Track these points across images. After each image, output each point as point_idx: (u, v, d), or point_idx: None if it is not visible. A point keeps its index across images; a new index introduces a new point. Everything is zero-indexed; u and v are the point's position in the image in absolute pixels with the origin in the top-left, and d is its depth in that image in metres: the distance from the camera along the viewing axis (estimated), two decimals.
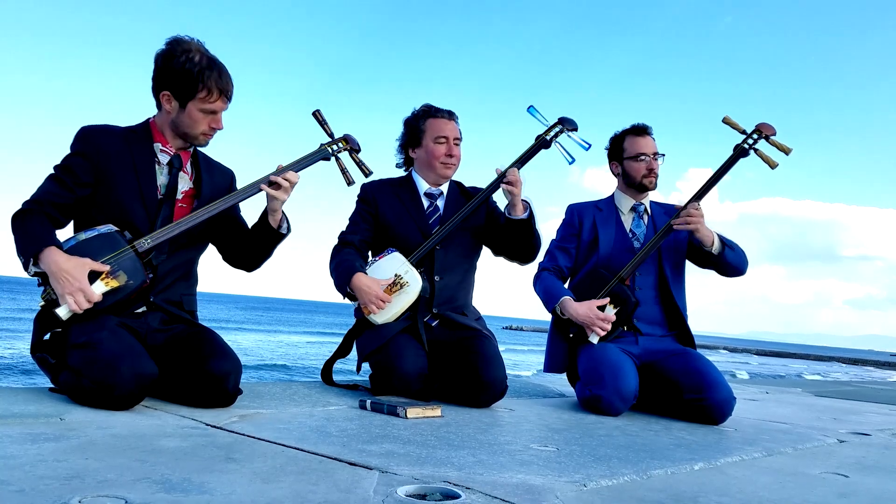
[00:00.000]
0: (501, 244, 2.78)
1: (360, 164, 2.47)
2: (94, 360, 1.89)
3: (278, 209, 2.26)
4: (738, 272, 2.85)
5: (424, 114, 2.78)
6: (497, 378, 2.52)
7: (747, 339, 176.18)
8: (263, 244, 2.31)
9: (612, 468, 1.64)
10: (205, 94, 2.11)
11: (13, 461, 1.30)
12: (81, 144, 2.13)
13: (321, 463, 1.48)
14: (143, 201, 2.13)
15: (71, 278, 1.92)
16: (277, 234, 2.29)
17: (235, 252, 2.38)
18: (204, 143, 2.22)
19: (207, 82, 2.10)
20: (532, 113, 2.81)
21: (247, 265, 2.39)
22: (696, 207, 2.72)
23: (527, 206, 2.65)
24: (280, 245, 2.35)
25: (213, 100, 2.13)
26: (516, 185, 2.59)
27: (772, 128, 2.76)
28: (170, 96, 2.13)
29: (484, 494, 1.31)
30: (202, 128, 2.17)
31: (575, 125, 2.82)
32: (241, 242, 2.35)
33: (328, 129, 2.42)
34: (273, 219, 2.26)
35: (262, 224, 2.29)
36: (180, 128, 2.17)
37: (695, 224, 2.69)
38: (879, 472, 1.91)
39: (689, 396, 2.58)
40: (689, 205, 2.73)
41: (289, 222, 2.34)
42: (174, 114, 2.15)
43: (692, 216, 2.69)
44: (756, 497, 1.50)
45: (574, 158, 2.78)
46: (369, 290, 2.54)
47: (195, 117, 2.14)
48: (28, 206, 2.05)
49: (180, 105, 2.13)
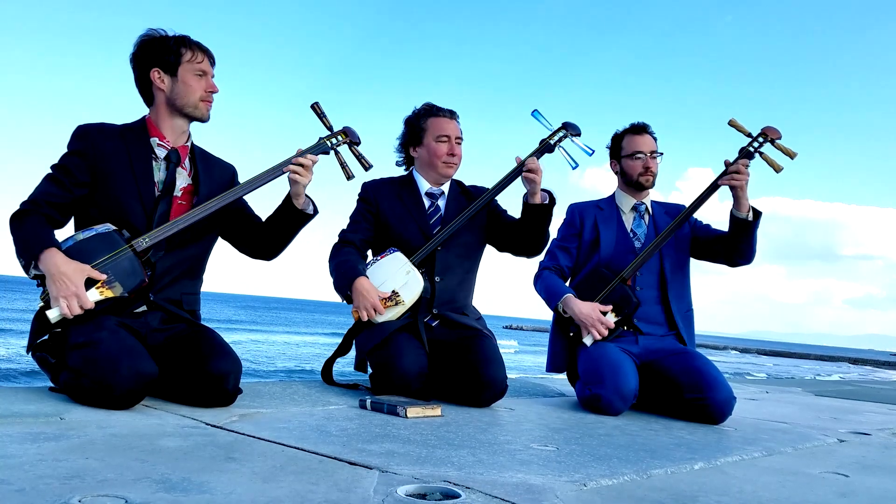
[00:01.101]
0: (509, 238, 2.78)
1: (360, 158, 2.46)
2: (94, 359, 1.89)
3: (301, 193, 2.28)
4: (750, 255, 2.81)
5: (426, 112, 2.78)
6: (497, 377, 2.52)
7: (748, 339, 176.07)
8: (286, 229, 2.33)
9: (612, 468, 1.64)
10: (190, 54, 2.18)
11: (13, 461, 1.30)
12: (78, 143, 2.13)
13: (321, 462, 1.48)
14: (140, 199, 2.13)
15: (68, 282, 1.92)
16: (304, 215, 2.32)
17: (252, 242, 2.39)
18: (205, 112, 2.23)
19: (188, 43, 2.19)
20: (536, 117, 2.81)
21: (267, 253, 2.40)
22: (745, 164, 2.69)
23: (545, 194, 2.66)
24: (305, 227, 2.37)
25: (200, 60, 2.20)
26: (537, 172, 2.60)
27: (777, 131, 2.76)
28: (160, 72, 2.17)
29: (484, 494, 1.31)
30: (199, 93, 2.20)
31: (578, 130, 2.82)
32: (256, 232, 2.36)
33: (327, 121, 2.41)
34: (297, 202, 2.29)
35: (285, 209, 2.30)
36: (178, 101, 2.19)
37: (741, 181, 2.67)
38: (880, 472, 1.91)
39: (690, 396, 2.58)
40: (738, 161, 2.69)
41: (314, 203, 2.36)
42: (168, 89, 2.18)
43: (741, 173, 2.67)
44: (756, 497, 1.50)
45: (577, 164, 2.79)
46: (368, 295, 2.54)
47: (189, 82, 2.18)
48: (26, 207, 2.05)
49: (172, 75, 2.17)
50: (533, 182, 2.60)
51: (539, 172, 2.60)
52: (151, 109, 2.23)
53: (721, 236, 2.83)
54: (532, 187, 2.61)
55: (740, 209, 2.71)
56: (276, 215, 2.33)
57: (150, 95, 2.21)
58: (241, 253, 2.43)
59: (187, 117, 2.22)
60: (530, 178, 2.60)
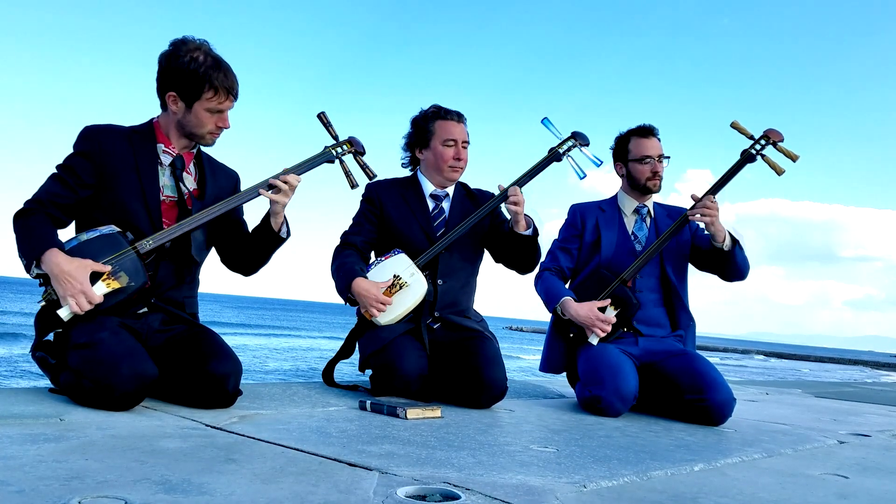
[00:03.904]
0: (502, 252, 2.79)
1: (365, 167, 2.47)
2: (95, 360, 1.89)
3: (280, 212, 2.25)
4: (741, 274, 2.83)
5: (433, 115, 2.76)
6: (497, 379, 2.52)
7: (748, 340, 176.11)
8: (263, 248, 2.31)
9: (612, 469, 1.64)
10: (211, 94, 2.11)
11: (13, 462, 1.30)
12: (84, 144, 2.13)
13: (321, 464, 1.48)
14: (144, 202, 2.12)
15: (73, 280, 1.92)
16: (277, 237, 2.29)
17: (234, 255, 2.37)
18: (211, 142, 2.22)
19: (213, 82, 2.10)
20: (546, 125, 2.81)
21: (244, 269, 2.38)
22: (712, 200, 2.69)
23: (530, 222, 2.65)
24: (278, 250, 2.34)
25: (221, 100, 2.14)
26: (520, 204, 2.60)
27: (779, 134, 2.75)
28: (176, 97, 2.13)
29: (484, 495, 1.31)
30: (209, 127, 2.17)
31: (587, 140, 2.83)
32: (240, 246, 2.35)
33: (333, 131, 2.42)
34: (275, 221, 2.26)
35: (263, 227, 2.28)
36: (186, 128, 2.17)
37: (710, 217, 2.67)
38: (879, 474, 1.91)
39: (690, 397, 2.58)
40: (705, 197, 2.70)
41: (289, 226, 2.33)
42: (180, 114, 2.15)
43: (709, 209, 2.67)
44: (756, 498, 1.50)
45: (585, 174, 2.79)
46: (368, 293, 2.53)
47: (202, 117, 2.14)
48: (29, 206, 2.05)
49: (186, 106, 2.13)
50: (516, 213, 2.60)
51: (522, 204, 2.61)
52: (162, 115, 2.21)
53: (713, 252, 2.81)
54: (516, 216, 2.62)
55: (716, 240, 2.71)
56: (255, 233, 2.31)
57: (165, 104, 2.18)
58: (223, 263, 2.40)
59: (192, 140, 2.22)
60: (513, 210, 2.60)
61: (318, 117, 2.43)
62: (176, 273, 2.21)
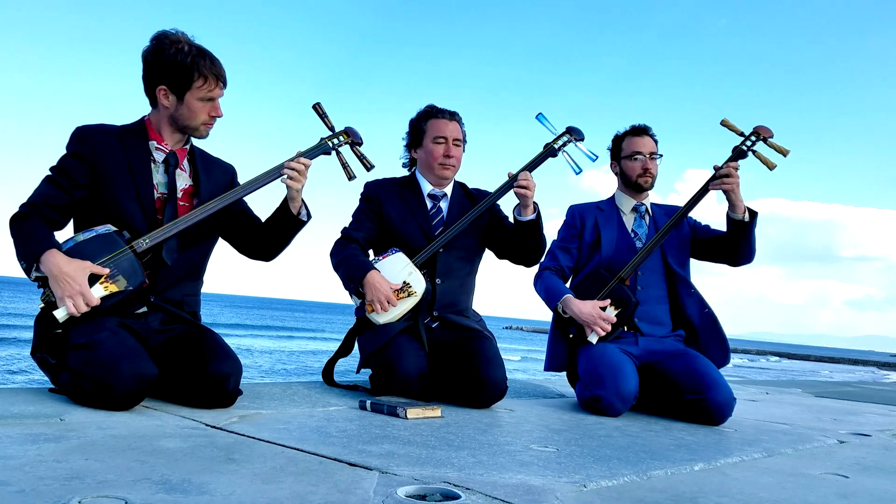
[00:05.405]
0: (507, 247, 2.79)
1: (362, 158, 2.45)
2: (94, 360, 1.89)
3: (297, 196, 2.28)
4: (751, 253, 2.81)
5: (426, 114, 2.79)
6: (497, 378, 2.52)
7: (749, 340, 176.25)
8: (283, 232, 2.33)
9: (612, 469, 1.64)
10: (201, 82, 2.12)
11: (13, 462, 1.30)
12: (76, 145, 2.12)
13: (321, 463, 1.48)
14: (139, 200, 2.12)
15: (71, 281, 1.92)
16: (298, 221, 2.31)
17: (251, 243, 2.38)
18: (205, 133, 2.22)
19: (202, 70, 2.11)
20: (541, 120, 2.81)
21: (265, 255, 2.40)
22: (735, 167, 2.69)
23: (536, 209, 2.67)
24: (300, 232, 2.37)
25: (211, 87, 2.14)
26: (530, 188, 2.61)
27: (769, 130, 2.77)
28: (166, 91, 2.12)
29: (484, 495, 1.31)
30: (202, 118, 2.17)
31: (583, 136, 2.83)
32: (255, 234, 2.36)
33: (329, 122, 2.41)
34: (293, 206, 2.29)
35: (281, 212, 2.30)
36: (180, 121, 2.17)
37: (731, 185, 2.67)
38: (879, 473, 1.92)
39: (690, 397, 2.58)
40: (727, 164, 2.70)
41: (308, 209, 2.35)
42: (173, 108, 2.15)
43: (731, 176, 2.67)
44: (756, 498, 1.50)
45: (581, 169, 2.79)
46: (380, 287, 2.53)
47: (194, 107, 2.14)
48: (25, 209, 2.04)
49: (178, 98, 2.13)
50: (526, 196, 2.61)
51: (532, 188, 2.61)
52: (153, 112, 2.21)
53: (721, 237, 2.83)
54: (524, 201, 2.62)
55: (735, 211, 2.72)
56: (273, 218, 2.33)
57: (155, 100, 2.17)
58: (241, 253, 2.43)
59: (186, 133, 2.22)
60: (523, 194, 2.61)
61: (313, 108, 2.41)
62: (176, 271, 2.20)
